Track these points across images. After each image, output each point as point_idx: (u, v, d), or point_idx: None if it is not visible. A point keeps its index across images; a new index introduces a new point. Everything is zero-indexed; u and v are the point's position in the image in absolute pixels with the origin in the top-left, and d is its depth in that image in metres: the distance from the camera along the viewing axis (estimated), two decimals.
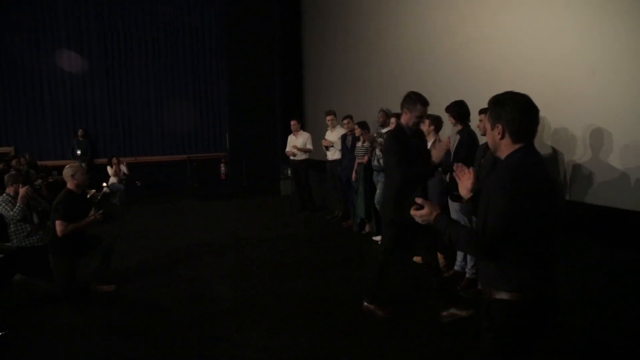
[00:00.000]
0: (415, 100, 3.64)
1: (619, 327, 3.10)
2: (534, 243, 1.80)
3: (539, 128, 1.97)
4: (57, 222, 4.16)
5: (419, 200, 2.05)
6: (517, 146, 1.85)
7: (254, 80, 10.83)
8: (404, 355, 3.30)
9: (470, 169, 2.16)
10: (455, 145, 4.56)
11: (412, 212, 2.05)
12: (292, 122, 8.08)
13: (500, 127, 1.87)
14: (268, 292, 4.50)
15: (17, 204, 4.49)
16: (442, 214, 1.99)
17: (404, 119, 3.75)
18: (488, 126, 1.92)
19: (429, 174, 3.87)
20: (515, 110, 1.84)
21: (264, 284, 4.73)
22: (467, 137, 4.45)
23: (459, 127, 4.52)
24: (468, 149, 4.41)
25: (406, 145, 3.65)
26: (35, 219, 4.71)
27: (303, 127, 8.84)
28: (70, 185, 4.33)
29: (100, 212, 4.39)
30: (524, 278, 1.82)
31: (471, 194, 2.09)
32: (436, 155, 3.68)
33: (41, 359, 3.44)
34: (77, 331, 3.81)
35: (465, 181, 2.13)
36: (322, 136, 7.60)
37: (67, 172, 4.34)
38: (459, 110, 4.48)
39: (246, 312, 4.06)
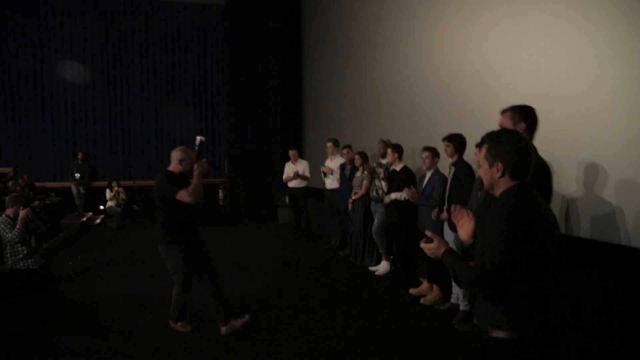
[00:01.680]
0: None
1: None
2: (532, 281, 1.79)
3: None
4: (180, 194, 3.82)
5: (428, 233, 2.06)
6: (513, 183, 1.87)
7: (253, 107, 10.98)
8: None
9: (469, 212, 2.13)
10: (450, 177, 4.64)
11: (422, 244, 2.05)
12: (291, 152, 8.16)
13: (500, 165, 1.87)
14: (264, 323, 4.47)
15: (17, 226, 4.48)
16: (450, 249, 1.98)
17: None
18: (485, 163, 1.92)
19: None
20: (517, 150, 1.87)
21: (260, 313, 4.66)
22: (464, 169, 4.53)
23: (454, 159, 4.60)
24: (466, 180, 4.47)
25: None
26: (33, 241, 4.70)
27: (301, 155, 8.93)
28: (172, 167, 4.05)
29: (204, 160, 4.08)
30: (522, 317, 1.80)
31: (472, 240, 2.05)
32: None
33: None
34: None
35: (465, 225, 2.09)
36: (321, 164, 7.66)
37: (176, 154, 4.05)
38: (461, 142, 4.58)
39: (245, 342, 4.02)
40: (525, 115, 2.72)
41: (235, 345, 3.94)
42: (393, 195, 5.54)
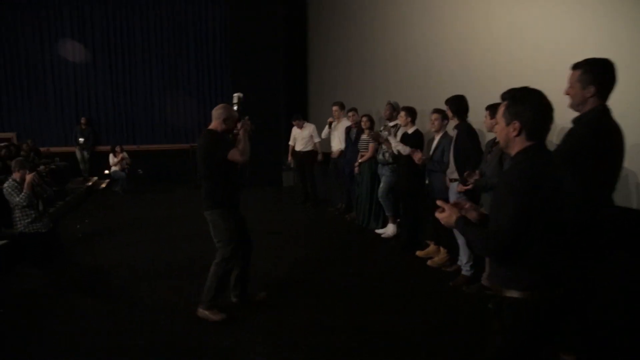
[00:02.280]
0: None
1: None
2: (545, 242, 1.78)
3: None
4: (232, 153, 3.58)
5: (439, 203, 2.05)
6: (529, 143, 1.84)
7: (257, 70, 10.76)
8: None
9: (468, 204, 2.10)
10: (453, 140, 4.58)
11: (436, 214, 2.04)
12: (295, 122, 8.00)
13: (517, 124, 1.83)
14: (269, 285, 4.49)
15: (24, 191, 4.48)
16: (461, 217, 1.96)
17: None
18: (502, 121, 1.89)
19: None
20: (536, 109, 1.82)
21: (265, 276, 4.70)
22: (466, 132, 4.45)
23: (457, 121, 4.53)
24: (470, 142, 4.41)
25: None
26: (40, 205, 4.70)
27: (306, 118, 8.83)
28: (214, 126, 3.73)
29: (247, 117, 3.79)
30: (535, 277, 1.81)
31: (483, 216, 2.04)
32: None
33: (40, 349, 3.43)
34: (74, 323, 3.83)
35: (470, 213, 2.06)
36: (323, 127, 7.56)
37: (220, 112, 3.72)
38: (457, 104, 4.49)
39: (254, 309, 3.99)
40: (595, 77, 2.43)
41: (246, 311, 3.91)
42: (392, 140, 5.50)
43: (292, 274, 4.85)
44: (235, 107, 3.84)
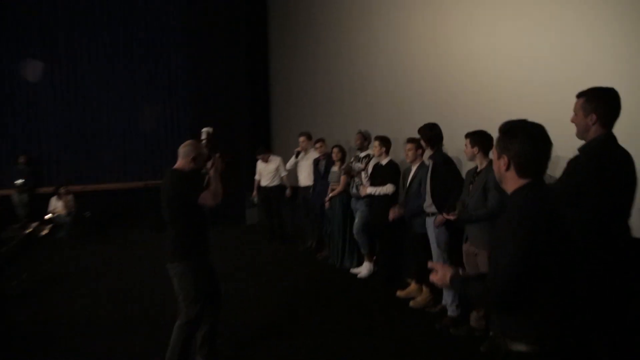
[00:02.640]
0: None
1: None
2: (551, 290, 1.67)
3: None
4: (203, 197, 3.19)
5: (431, 265, 1.97)
6: (523, 181, 1.75)
7: (217, 104, 10.35)
8: None
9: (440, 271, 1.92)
10: (429, 171, 4.37)
11: (431, 278, 1.94)
12: (259, 157, 7.58)
13: (505, 158, 1.77)
14: (233, 333, 4.03)
15: None
16: (455, 274, 1.87)
17: None
18: (495, 154, 1.85)
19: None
20: (524, 145, 1.73)
21: (227, 323, 4.09)
22: (442, 161, 4.26)
23: (431, 151, 4.34)
24: (448, 173, 4.22)
25: None
26: None
27: (270, 150, 8.49)
28: (181, 164, 3.32)
29: (218, 155, 3.42)
30: (543, 328, 1.69)
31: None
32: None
33: None
34: None
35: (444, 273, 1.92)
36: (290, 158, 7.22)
37: (187, 150, 3.32)
38: (429, 133, 4.32)
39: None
40: (597, 105, 2.45)
41: None
42: (369, 190, 5.22)
43: (258, 321, 4.38)
44: (204, 143, 3.48)
